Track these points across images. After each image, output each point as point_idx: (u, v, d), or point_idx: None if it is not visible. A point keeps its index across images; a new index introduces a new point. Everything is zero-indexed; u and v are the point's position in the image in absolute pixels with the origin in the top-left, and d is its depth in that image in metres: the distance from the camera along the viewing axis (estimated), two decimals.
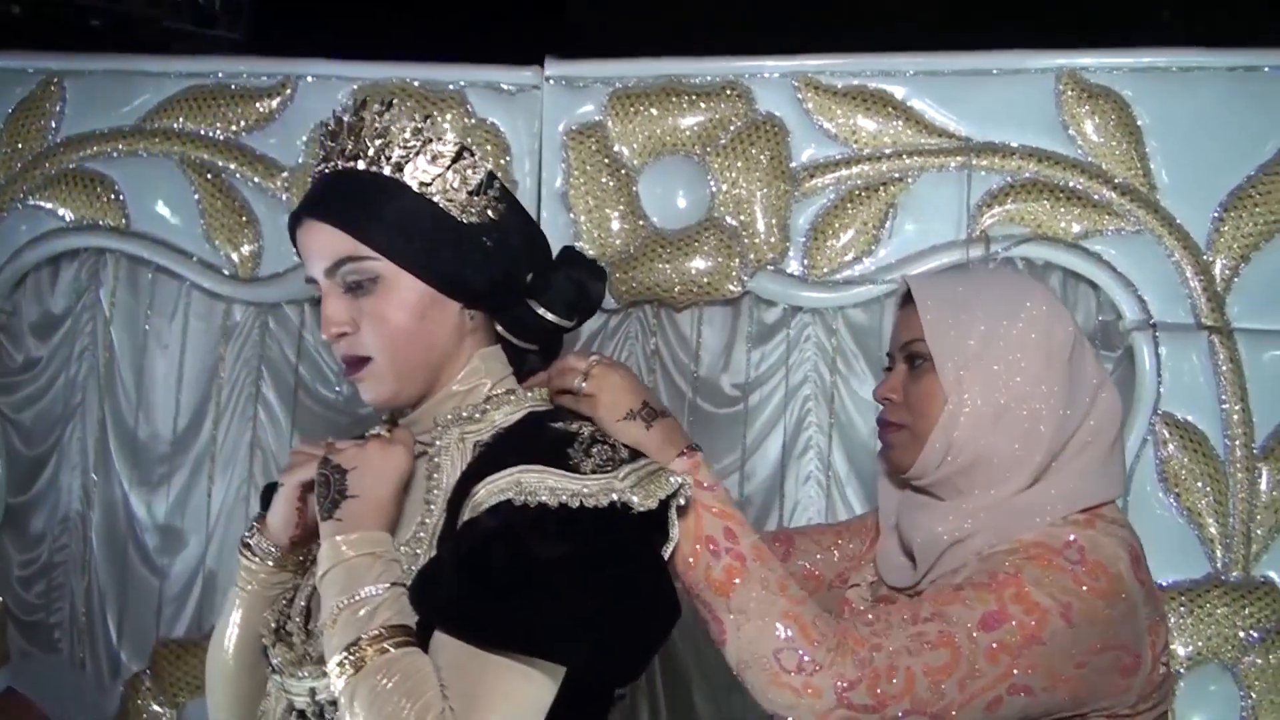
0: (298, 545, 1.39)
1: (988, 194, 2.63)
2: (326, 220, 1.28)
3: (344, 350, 1.30)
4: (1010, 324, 1.46)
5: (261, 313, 2.81)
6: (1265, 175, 2.52)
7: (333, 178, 1.30)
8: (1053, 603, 1.31)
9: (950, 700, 1.28)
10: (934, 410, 1.46)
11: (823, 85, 2.68)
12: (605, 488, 1.18)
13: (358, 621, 1.16)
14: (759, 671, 1.31)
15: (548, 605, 1.12)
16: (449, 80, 2.75)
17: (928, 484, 1.50)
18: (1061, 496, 1.43)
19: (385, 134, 1.28)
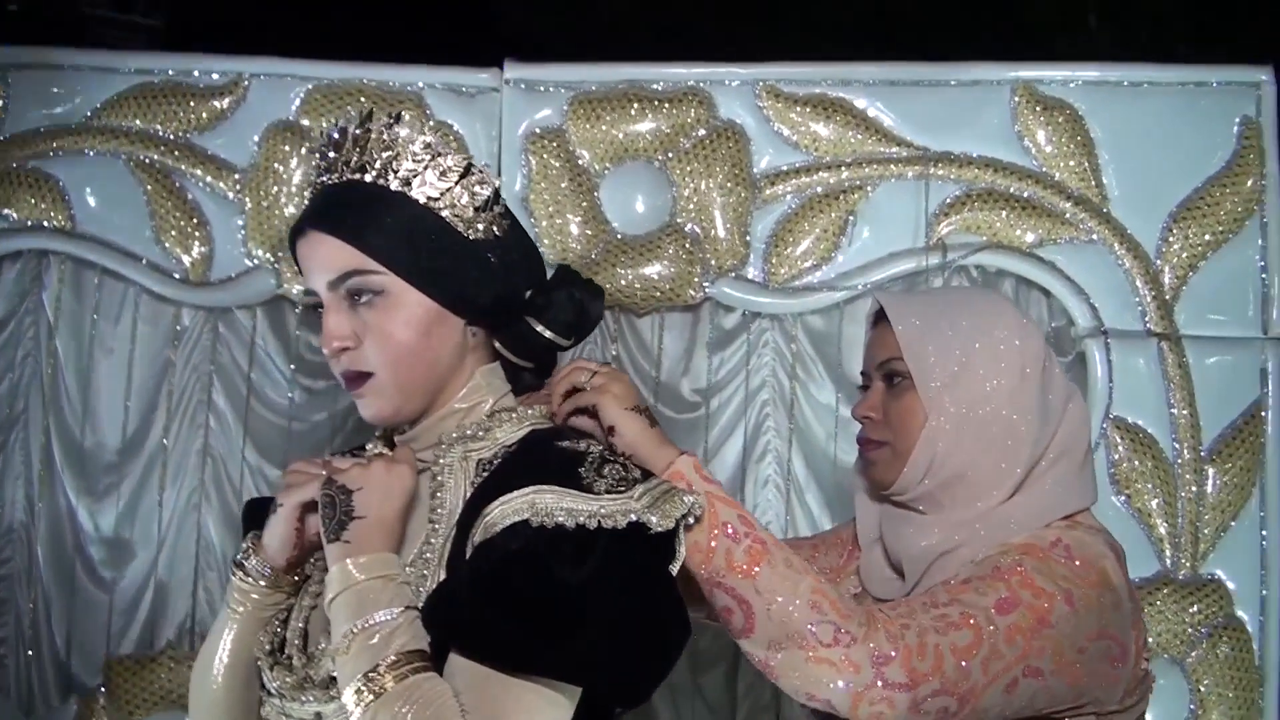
0: (293, 566, 1.36)
1: (944, 203, 2.67)
2: (332, 233, 1.25)
3: (345, 365, 1.27)
4: (985, 341, 1.49)
5: (212, 317, 2.74)
6: (1213, 187, 2.60)
7: (338, 189, 1.27)
8: (1056, 588, 1.35)
9: (975, 681, 1.30)
10: (915, 427, 1.49)
11: (783, 93, 2.70)
12: (622, 509, 1.17)
13: (373, 648, 1.14)
14: (794, 649, 1.31)
15: (571, 628, 1.11)
16: (407, 81, 2.72)
17: (909, 499, 1.52)
18: (1042, 506, 1.47)
19: (393, 147, 1.25)
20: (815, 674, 1.31)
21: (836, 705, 1.31)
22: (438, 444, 1.32)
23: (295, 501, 1.31)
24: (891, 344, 1.52)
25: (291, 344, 2.74)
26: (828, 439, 2.74)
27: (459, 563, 1.21)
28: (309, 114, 2.70)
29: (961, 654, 1.30)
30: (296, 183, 2.68)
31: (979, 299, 1.63)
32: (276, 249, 2.69)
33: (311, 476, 1.31)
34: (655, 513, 1.20)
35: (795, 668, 1.32)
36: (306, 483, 1.31)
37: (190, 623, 2.69)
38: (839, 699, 1.30)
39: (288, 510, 1.31)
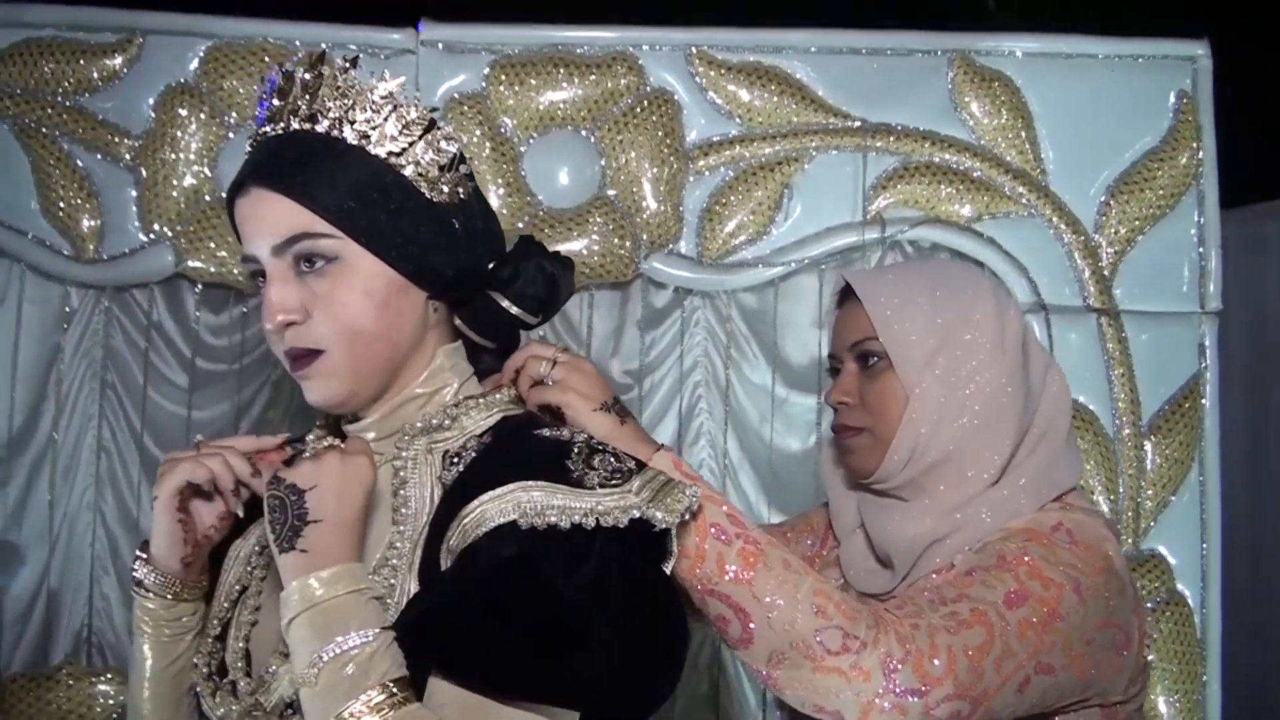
0: (191, 567, 1.19)
1: (882, 176, 2.59)
2: (278, 189, 1.08)
3: (291, 342, 1.10)
4: (963, 316, 1.40)
5: (104, 297, 2.53)
6: (1149, 161, 2.56)
7: (285, 141, 1.10)
8: (1064, 578, 1.26)
9: (988, 683, 1.20)
10: (895, 410, 1.38)
11: (716, 60, 2.58)
12: (621, 505, 1.03)
13: (349, 679, 0.98)
14: (800, 659, 1.20)
15: (573, 647, 0.97)
16: (315, 40, 2.53)
17: (891, 487, 1.41)
18: (1032, 487, 1.38)
19: (348, 95, 1.09)
20: (823, 685, 1.19)
21: (844, 715, 1.19)
22: (397, 433, 1.16)
23: (170, 489, 1.13)
24: (864, 323, 1.41)
25: (191, 326, 2.55)
26: (762, 421, 2.64)
27: (433, 571, 1.06)
28: (209, 75, 2.50)
29: (975, 654, 1.20)
30: (195, 149, 2.49)
31: (953, 271, 1.53)
32: (175, 222, 2.49)
33: (180, 460, 1.14)
34: (659, 507, 1.06)
35: (800, 680, 1.21)
36: (175, 467, 1.13)
37: (87, 632, 2.48)
38: (849, 709, 1.19)
39: (164, 501, 1.14)
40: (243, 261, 1.14)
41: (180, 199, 2.49)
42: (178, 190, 2.48)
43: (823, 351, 2.63)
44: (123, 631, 2.48)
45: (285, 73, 1.13)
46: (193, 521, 1.17)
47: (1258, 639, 3.01)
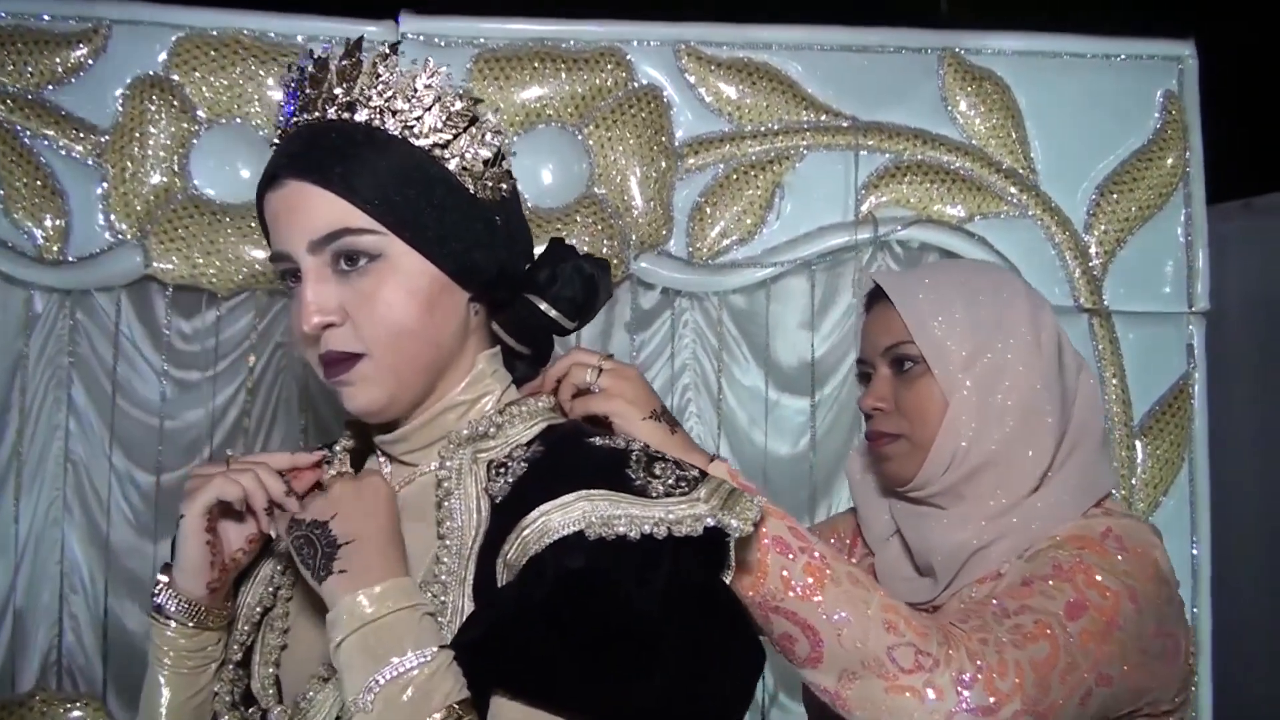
0: (218, 592, 1.11)
1: (873, 175, 2.56)
2: (317, 181, 1.01)
3: (329, 345, 1.03)
4: (1000, 317, 1.37)
5: (69, 301, 2.40)
6: (1137, 161, 2.56)
7: (322, 130, 1.03)
8: (1121, 586, 1.23)
9: (1054, 697, 1.17)
10: (933, 415, 1.35)
11: (705, 55, 2.53)
12: (693, 513, 0.97)
13: (410, 704, 0.91)
14: (873, 679, 1.15)
15: (651, 663, 0.91)
16: (291, 32, 2.44)
17: (929, 494, 1.38)
18: (1073, 493, 1.35)
19: (389, 84, 1.03)
20: (895, 705, 1.15)
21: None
22: (436, 443, 1.10)
23: (200, 508, 1.06)
24: (897, 327, 1.38)
25: (161, 331, 2.43)
26: (753, 424, 2.60)
27: (489, 587, 0.99)
28: (180, 68, 2.39)
29: (1041, 668, 1.16)
30: (165, 145, 2.37)
31: (986, 273, 1.50)
32: (143, 221, 2.37)
33: (211, 475, 1.07)
34: (732, 515, 0.99)
35: (872, 699, 1.16)
36: (205, 484, 1.06)
37: (56, 654, 2.35)
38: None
39: (192, 521, 1.06)
40: (272, 260, 1.07)
41: (149, 197, 2.37)
42: (147, 188, 2.36)
43: (814, 353, 2.62)
44: (93, 654, 2.36)
45: (318, 59, 1.06)
46: (220, 543, 1.09)
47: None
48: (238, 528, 1.10)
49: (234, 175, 2.40)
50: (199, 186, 2.40)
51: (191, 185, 2.40)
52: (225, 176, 2.40)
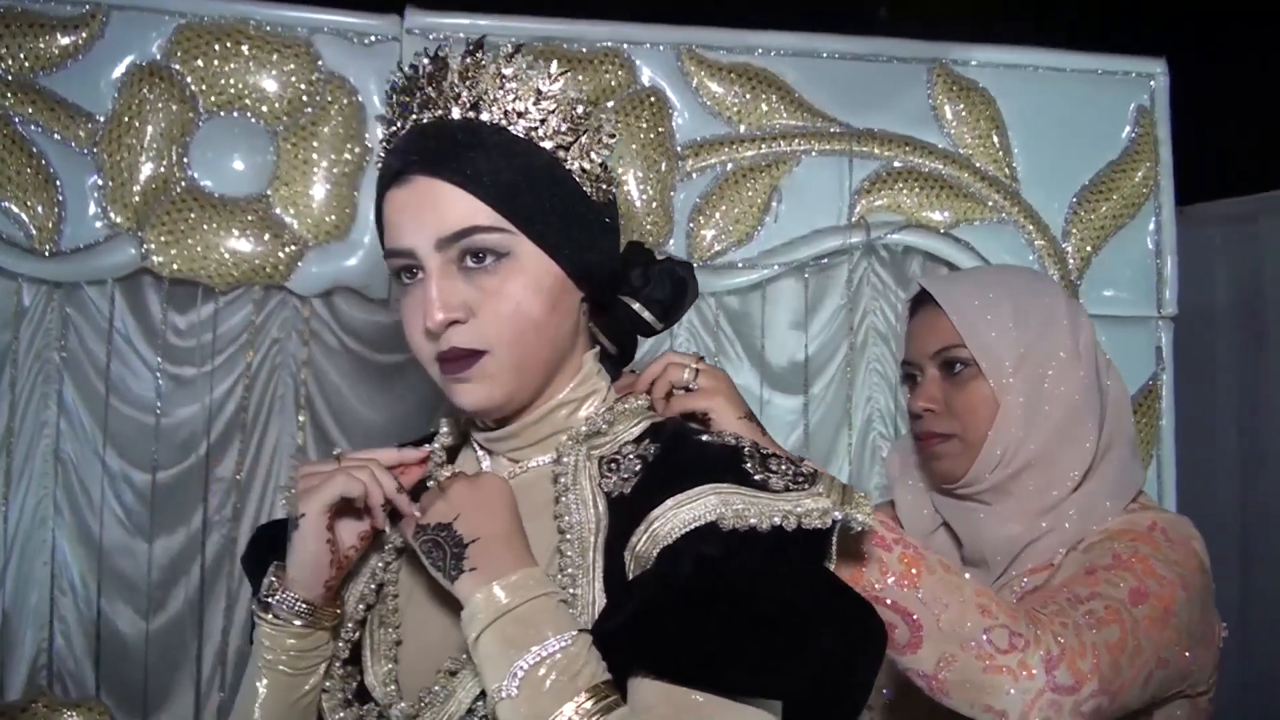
0: (333, 594, 1.10)
1: (865, 180, 2.63)
2: (449, 178, 1.01)
3: (452, 342, 1.02)
4: (1045, 323, 1.44)
5: (58, 294, 2.32)
6: (1112, 172, 2.69)
7: (451, 128, 1.03)
8: (1174, 575, 1.31)
9: (1124, 678, 1.24)
10: (985, 416, 1.42)
11: (707, 60, 2.57)
12: (820, 506, 1.00)
13: (555, 687, 0.93)
14: (971, 659, 1.20)
15: (797, 643, 0.94)
16: (294, 23, 2.40)
17: (977, 491, 1.45)
18: (1113, 489, 1.43)
19: (515, 85, 1.03)
20: (990, 683, 1.20)
21: (1009, 713, 1.20)
22: (545, 440, 1.11)
23: (320, 507, 1.05)
24: (946, 331, 1.44)
25: (156, 325, 2.37)
26: None
27: (618, 577, 1.01)
28: (178, 56, 2.33)
29: (1113, 651, 1.23)
30: (163, 135, 2.31)
31: (1028, 279, 1.57)
32: (139, 213, 2.30)
33: (329, 474, 1.06)
34: (855, 508, 1.03)
35: (969, 679, 1.21)
36: (328, 480, 1.05)
37: (47, 658, 2.27)
38: (1012, 707, 1.20)
39: (313, 520, 1.05)
40: (389, 256, 1.06)
41: (146, 188, 2.30)
42: (143, 179, 2.30)
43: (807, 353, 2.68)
44: (83, 657, 2.28)
45: (436, 57, 1.06)
46: (338, 542, 1.08)
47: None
48: (349, 525, 1.09)
49: (233, 167, 2.36)
50: (197, 178, 2.34)
51: (190, 177, 2.34)
52: (224, 169, 2.36)
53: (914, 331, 1.52)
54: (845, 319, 2.70)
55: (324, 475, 1.06)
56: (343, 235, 2.40)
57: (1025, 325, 1.42)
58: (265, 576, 1.10)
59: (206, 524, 2.35)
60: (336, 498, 1.05)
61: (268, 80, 2.36)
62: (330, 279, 2.41)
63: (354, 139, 2.41)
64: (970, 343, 1.42)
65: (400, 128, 1.06)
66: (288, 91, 2.37)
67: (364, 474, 1.06)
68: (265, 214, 2.36)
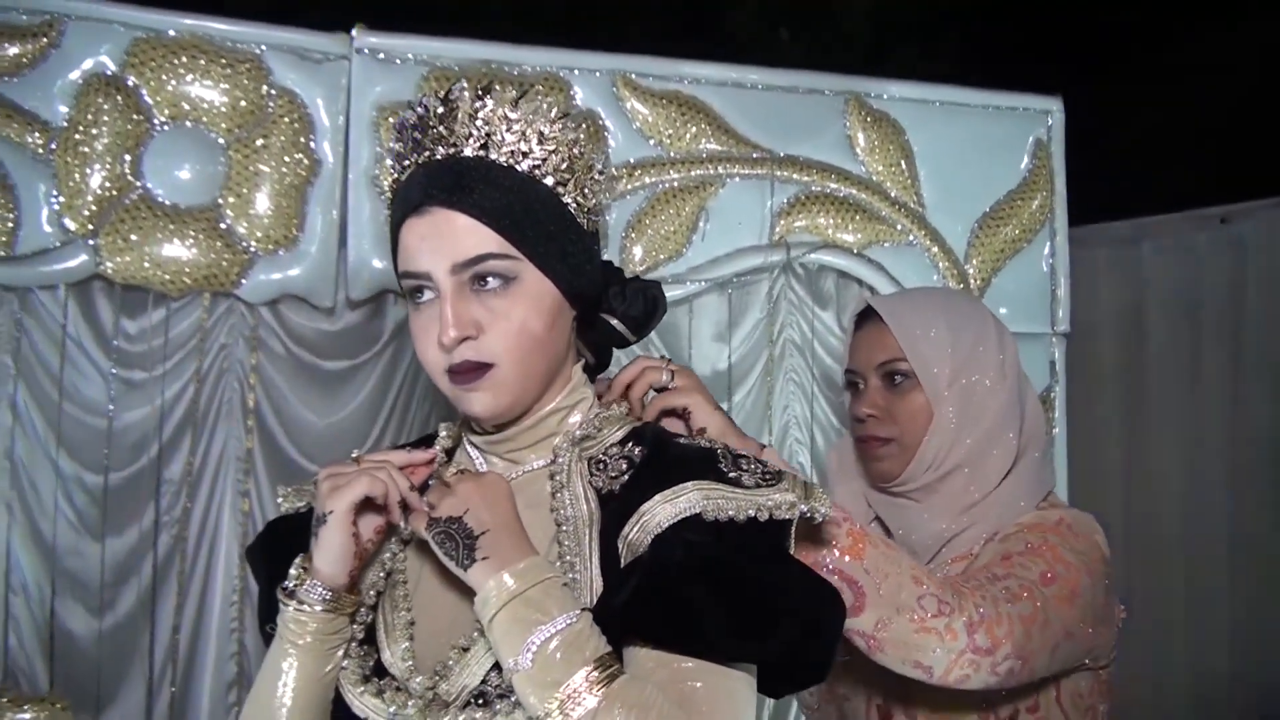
0: (355, 583, 1.22)
1: (785, 203, 2.81)
2: (469, 211, 1.13)
3: (463, 356, 1.15)
4: (976, 343, 1.64)
5: (9, 298, 2.37)
6: (1012, 199, 2.92)
7: (464, 165, 1.15)
8: (1079, 562, 1.52)
9: (1035, 646, 1.44)
10: (920, 423, 1.61)
11: (640, 86, 2.72)
12: (788, 500, 1.16)
13: (563, 660, 1.06)
14: (905, 621, 1.39)
15: (774, 617, 1.09)
16: (246, 39, 2.48)
17: (909, 489, 1.63)
18: (1027, 490, 1.64)
19: (521, 127, 1.16)
20: (920, 642, 1.39)
21: (934, 669, 1.39)
22: (539, 443, 1.25)
23: (346, 505, 1.17)
24: (891, 345, 1.62)
25: (105, 331, 2.43)
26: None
27: (614, 562, 1.15)
28: (136, 68, 2.40)
29: (1026, 622, 1.43)
30: (117, 144, 2.38)
31: (962, 302, 1.77)
32: (92, 220, 2.37)
33: (353, 475, 1.18)
34: (817, 502, 1.19)
35: (902, 639, 1.39)
36: (353, 480, 1.17)
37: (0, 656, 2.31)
38: (938, 664, 1.39)
39: (340, 517, 1.17)
40: (403, 277, 1.18)
41: (100, 196, 2.37)
42: (96, 186, 2.36)
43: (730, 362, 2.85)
44: (34, 656, 2.33)
45: (448, 99, 1.19)
46: (360, 535, 1.20)
47: None
48: (367, 520, 1.21)
49: (186, 177, 2.43)
50: (150, 187, 2.42)
51: (143, 186, 2.41)
52: (176, 178, 2.43)
53: (859, 344, 1.70)
54: (765, 332, 2.89)
55: (348, 476, 1.18)
56: (290, 245, 2.49)
57: (959, 344, 1.62)
58: (291, 568, 1.21)
59: (158, 524, 2.42)
60: (361, 497, 1.17)
61: (220, 93, 2.44)
62: (278, 287, 2.50)
63: (303, 152, 2.50)
64: (911, 357, 1.61)
65: (413, 160, 1.19)
66: (239, 105, 2.45)
67: (383, 474, 1.19)
68: (215, 223, 2.44)
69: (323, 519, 1.18)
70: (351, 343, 2.63)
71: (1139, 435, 3.76)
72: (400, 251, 1.19)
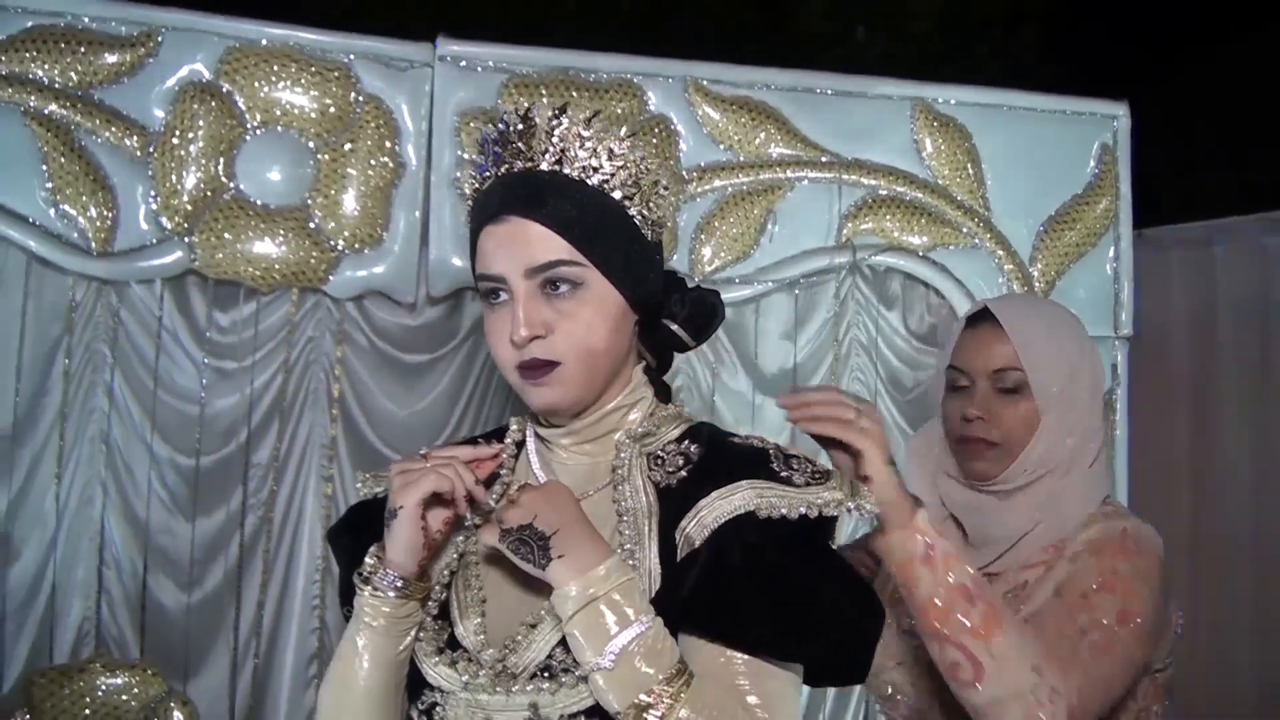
0: (425, 571, 1.30)
1: (852, 206, 2.87)
2: (543, 221, 1.23)
3: (533, 354, 1.24)
4: (1079, 353, 1.70)
5: (107, 291, 2.52)
6: (1077, 204, 2.95)
7: (540, 179, 1.24)
8: (1148, 591, 1.56)
9: (1121, 688, 1.53)
10: (1027, 430, 1.65)
11: (711, 92, 2.80)
12: (836, 498, 1.22)
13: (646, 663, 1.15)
14: (1018, 707, 1.45)
15: (828, 616, 1.18)
16: (335, 48, 2.60)
17: (999, 489, 1.70)
18: (1090, 493, 1.68)
19: (593, 145, 1.25)
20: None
21: None
22: (601, 438, 1.34)
23: (416, 500, 1.26)
24: (1006, 354, 1.67)
25: (198, 323, 2.58)
26: (738, 423, 2.87)
27: (669, 552, 1.23)
28: (229, 76, 2.53)
29: (1112, 675, 1.52)
30: (210, 148, 2.52)
31: (1066, 316, 1.81)
32: (187, 219, 2.51)
33: (423, 472, 1.26)
34: (863, 499, 1.26)
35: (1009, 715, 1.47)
36: (421, 477, 1.26)
37: (93, 626, 2.47)
38: None
39: (410, 511, 1.26)
40: (480, 279, 1.27)
41: (195, 196, 2.51)
42: (192, 187, 2.50)
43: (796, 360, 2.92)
44: (125, 626, 2.49)
45: (526, 117, 1.28)
46: (428, 527, 1.30)
47: None
48: (436, 513, 1.29)
49: (275, 179, 2.57)
50: (242, 188, 2.55)
51: (236, 187, 2.55)
52: (267, 180, 2.57)
53: (971, 344, 1.73)
54: (831, 331, 2.95)
55: (418, 473, 1.26)
56: (375, 243, 2.62)
57: (1066, 355, 1.68)
58: (366, 557, 1.29)
59: (245, 506, 2.56)
60: (429, 493, 1.25)
61: (309, 99, 2.57)
62: (362, 284, 2.63)
63: (388, 155, 2.62)
64: (1028, 368, 1.66)
65: (493, 173, 1.28)
66: (327, 110, 2.58)
67: (450, 471, 1.27)
68: (304, 222, 2.57)
69: (394, 513, 1.27)
70: (431, 337, 2.75)
71: (1208, 437, 3.74)
72: (478, 256, 1.28)
